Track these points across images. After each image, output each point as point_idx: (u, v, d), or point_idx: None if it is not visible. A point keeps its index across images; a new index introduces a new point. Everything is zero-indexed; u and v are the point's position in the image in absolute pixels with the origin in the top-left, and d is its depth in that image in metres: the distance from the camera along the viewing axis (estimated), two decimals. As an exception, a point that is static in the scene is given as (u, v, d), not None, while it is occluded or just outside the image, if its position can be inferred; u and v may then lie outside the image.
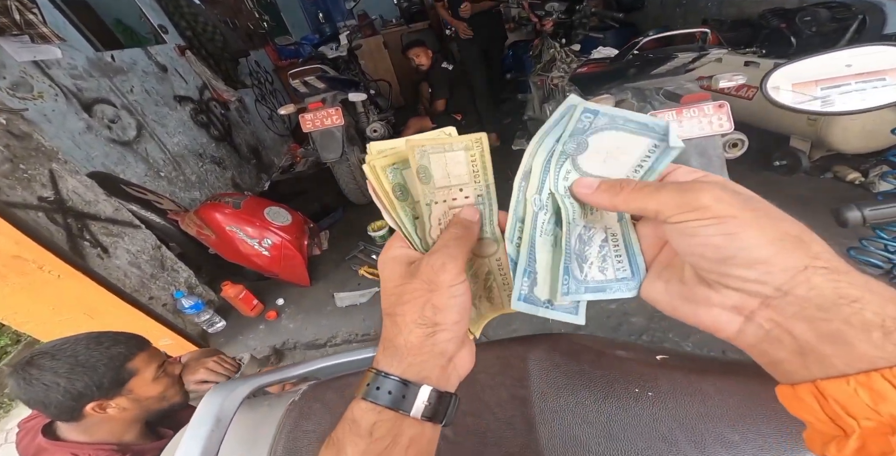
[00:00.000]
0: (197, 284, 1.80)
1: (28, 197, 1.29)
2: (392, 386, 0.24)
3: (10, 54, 1.68)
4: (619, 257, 0.26)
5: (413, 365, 0.24)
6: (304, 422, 0.46)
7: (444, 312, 0.24)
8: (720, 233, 0.18)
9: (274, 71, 4.33)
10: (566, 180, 0.25)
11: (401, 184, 0.26)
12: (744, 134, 1.38)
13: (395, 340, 0.24)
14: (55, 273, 1.30)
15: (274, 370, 0.66)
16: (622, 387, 0.40)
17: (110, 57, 2.24)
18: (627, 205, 0.22)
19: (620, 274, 0.26)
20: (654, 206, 0.20)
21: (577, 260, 0.25)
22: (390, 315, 0.25)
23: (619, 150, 0.23)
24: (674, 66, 1.42)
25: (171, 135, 2.47)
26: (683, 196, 0.19)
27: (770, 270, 0.17)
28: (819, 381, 0.16)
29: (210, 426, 0.50)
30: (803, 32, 1.96)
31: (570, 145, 0.24)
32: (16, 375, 0.70)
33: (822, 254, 0.17)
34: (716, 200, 0.18)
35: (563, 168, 0.25)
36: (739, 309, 0.19)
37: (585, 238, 0.26)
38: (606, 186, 0.23)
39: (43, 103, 1.76)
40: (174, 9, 2.96)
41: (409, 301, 0.24)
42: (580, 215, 0.26)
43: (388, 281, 0.26)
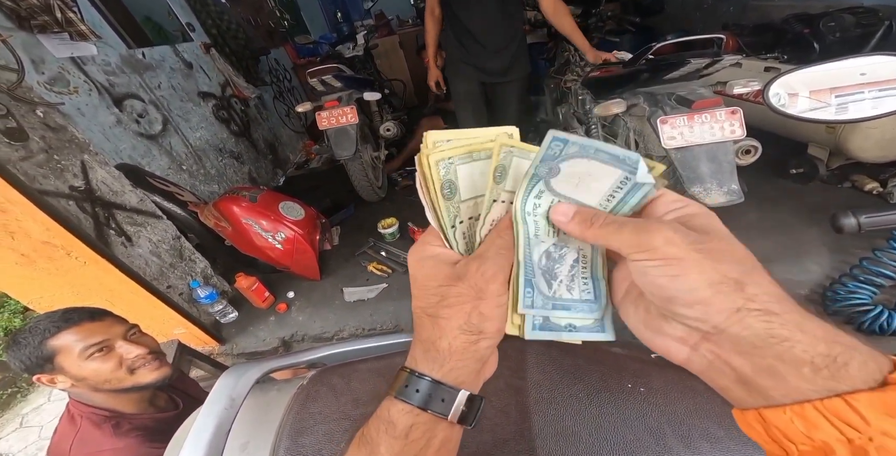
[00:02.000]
0: (212, 274, 1.86)
1: (60, 186, 1.36)
2: (428, 388, 0.24)
3: (49, 51, 1.77)
4: (586, 279, 0.27)
5: (454, 370, 0.24)
6: (311, 404, 0.48)
7: (490, 320, 0.24)
8: (665, 274, 0.19)
9: (292, 69, 4.41)
10: (537, 198, 0.25)
11: (451, 181, 0.26)
12: (757, 140, 1.36)
13: (438, 343, 0.25)
14: (81, 259, 1.37)
15: (284, 355, 0.69)
16: (615, 382, 0.41)
17: (141, 54, 2.34)
18: (595, 240, 0.23)
19: (585, 295, 0.26)
20: (616, 243, 0.22)
21: (545, 276, 0.26)
22: (432, 316, 0.25)
23: (591, 177, 0.24)
24: (687, 71, 1.42)
25: (194, 129, 2.56)
26: (639, 236, 0.20)
27: (707, 311, 0.19)
28: (762, 409, 0.18)
29: (224, 404, 0.53)
30: (827, 38, 1.92)
31: (542, 169, 0.24)
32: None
33: (759, 296, 0.18)
34: (665, 242, 0.20)
35: (536, 187, 0.25)
36: (685, 340, 0.21)
37: (556, 256, 0.26)
38: (579, 218, 0.23)
39: (77, 98, 1.85)
40: (201, 7, 3.04)
41: (455, 305, 0.24)
42: (547, 233, 0.26)
43: (428, 279, 0.26)
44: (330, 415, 0.46)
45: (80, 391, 0.80)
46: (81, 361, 0.76)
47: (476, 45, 1.84)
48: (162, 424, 0.87)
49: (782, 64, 1.98)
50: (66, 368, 0.76)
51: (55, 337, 0.75)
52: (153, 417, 0.87)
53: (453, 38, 1.90)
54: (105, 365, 0.78)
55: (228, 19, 3.25)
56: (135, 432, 0.81)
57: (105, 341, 0.79)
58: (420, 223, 2.08)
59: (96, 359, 0.77)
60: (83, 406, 0.80)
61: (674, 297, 0.20)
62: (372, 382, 0.50)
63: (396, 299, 1.82)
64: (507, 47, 1.86)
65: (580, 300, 0.26)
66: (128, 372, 0.80)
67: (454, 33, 1.88)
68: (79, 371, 0.76)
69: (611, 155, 0.23)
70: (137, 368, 0.82)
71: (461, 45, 1.88)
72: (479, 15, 1.75)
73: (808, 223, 1.71)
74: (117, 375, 0.79)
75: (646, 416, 0.39)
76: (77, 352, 0.76)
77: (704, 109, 1.29)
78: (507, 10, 1.78)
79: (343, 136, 2.01)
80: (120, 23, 2.31)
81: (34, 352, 0.74)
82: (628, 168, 0.22)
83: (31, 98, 1.33)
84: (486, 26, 1.78)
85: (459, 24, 1.81)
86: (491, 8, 1.74)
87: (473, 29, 1.79)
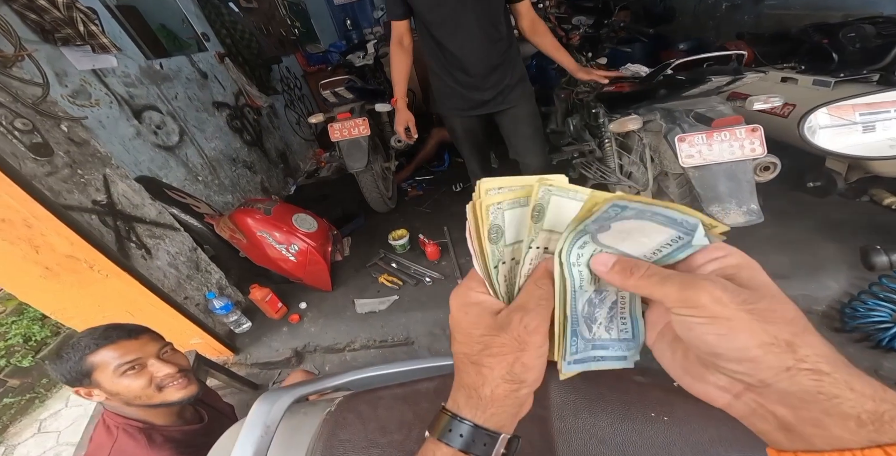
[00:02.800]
0: (227, 285, 1.89)
1: (83, 200, 1.39)
2: (470, 432, 0.26)
3: (72, 63, 1.81)
4: (624, 319, 0.28)
5: (494, 415, 0.26)
6: (340, 431, 0.48)
7: (531, 370, 0.26)
8: (713, 332, 0.20)
9: (303, 77, 4.46)
10: (581, 249, 0.26)
11: (498, 225, 0.26)
12: (776, 157, 1.34)
13: (481, 391, 0.26)
14: (104, 272, 1.40)
15: (312, 381, 0.70)
16: (638, 411, 0.41)
17: (159, 65, 2.38)
18: (636, 290, 0.24)
19: (623, 335, 0.28)
20: (658, 296, 0.22)
21: (587, 322, 0.27)
22: (476, 364, 0.26)
23: (642, 233, 0.24)
24: (707, 88, 1.41)
25: (209, 140, 2.60)
26: (684, 292, 0.21)
27: (756, 367, 0.19)
28: (800, 453, 0.19)
29: (260, 432, 0.54)
30: (846, 48, 1.89)
31: (593, 227, 0.24)
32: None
33: (810, 357, 0.19)
34: (713, 301, 0.20)
35: (581, 239, 0.25)
36: (727, 389, 0.22)
37: (596, 301, 0.27)
38: (619, 268, 0.24)
39: (99, 110, 1.89)
40: (216, 16, 3.08)
41: (498, 355, 0.25)
42: (589, 281, 0.27)
43: (471, 327, 0.27)
44: (358, 443, 0.47)
45: (115, 404, 0.83)
46: (115, 378, 0.79)
47: (466, 76, 1.59)
48: (189, 437, 0.89)
49: (799, 74, 1.95)
50: (102, 384, 0.79)
51: (94, 354, 0.79)
52: (181, 429, 0.90)
53: (440, 71, 1.63)
54: (136, 382, 0.81)
55: (242, 28, 3.29)
56: (167, 445, 0.84)
57: (138, 359, 0.82)
58: (430, 235, 2.09)
59: (129, 376, 0.80)
60: (118, 417, 0.83)
61: (720, 353, 0.20)
62: (397, 410, 0.50)
63: (407, 311, 1.82)
64: (502, 72, 1.61)
65: (619, 339, 0.27)
66: (156, 390, 0.83)
67: (440, 65, 1.61)
68: (112, 387, 0.80)
69: (668, 218, 0.23)
70: (165, 387, 0.84)
71: (451, 77, 1.62)
72: (466, 40, 1.50)
73: (826, 238, 1.68)
74: (147, 392, 0.82)
75: (670, 445, 0.39)
76: (112, 368, 0.79)
77: (724, 127, 1.28)
78: (496, 32, 1.52)
79: (355, 149, 2.03)
80: (138, 34, 2.35)
81: (74, 367, 0.78)
82: (684, 230, 0.23)
83: (56, 112, 1.36)
84: (476, 52, 1.53)
85: (446, 53, 1.55)
86: (476, 31, 1.48)
87: (463, 57, 1.54)
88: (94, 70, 1.93)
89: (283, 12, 4.56)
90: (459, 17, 1.45)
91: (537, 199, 0.26)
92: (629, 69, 1.97)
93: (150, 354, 0.84)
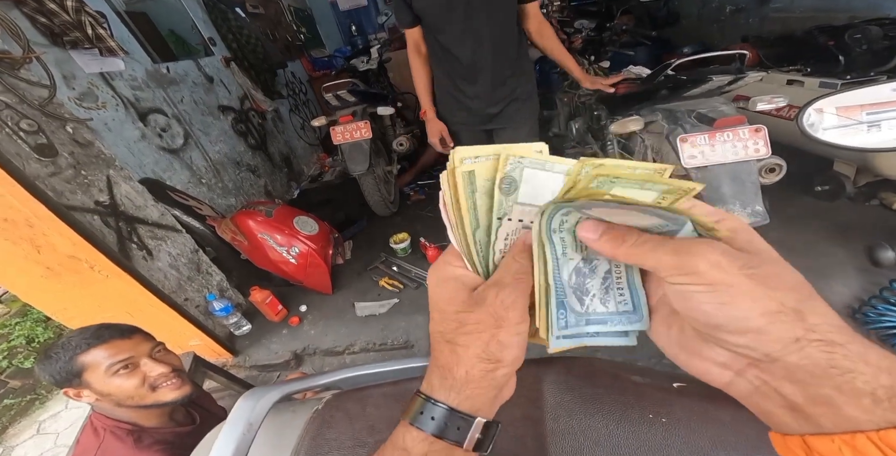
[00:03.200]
0: (227, 287, 1.89)
1: (86, 201, 1.40)
2: (443, 415, 0.24)
3: (80, 66, 1.85)
4: (622, 291, 0.25)
5: (469, 397, 0.24)
6: (327, 430, 0.47)
7: (508, 348, 0.24)
8: (712, 301, 0.18)
9: (308, 81, 4.52)
10: (565, 215, 0.24)
11: (475, 193, 0.25)
12: (782, 158, 1.32)
13: (455, 371, 0.24)
14: (104, 273, 1.41)
15: (301, 379, 0.69)
16: (636, 412, 0.40)
17: (166, 68, 2.42)
18: (627, 259, 0.22)
19: (622, 307, 0.25)
20: (651, 264, 0.20)
21: (576, 293, 0.25)
22: (450, 342, 0.25)
23: (628, 216, 0.22)
24: (708, 88, 1.40)
25: (214, 143, 2.63)
26: (680, 258, 0.19)
27: (760, 339, 0.18)
28: (807, 436, 0.17)
29: (242, 429, 0.53)
30: (852, 50, 1.87)
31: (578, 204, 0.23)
32: None
33: (820, 326, 0.17)
34: (711, 266, 0.18)
35: (565, 208, 0.24)
36: (728, 366, 0.20)
37: (586, 271, 0.25)
38: (609, 236, 0.22)
39: (105, 113, 1.92)
40: (222, 21, 3.14)
41: (473, 333, 0.24)
42: (575, 248, 0.25)
43: (447, 303, 0.26)
44: (345, 442, 0.46)
45: (104, 405, 0.82)
46: (107, 378, 0.78)
47: (474, 87, 1.49)
48: (180, 439, 0.88)
49: (805, 77, 1.93)
50: (93, 384, 0.78)
51: (85, 353, 0.77)
52: (173, 431, 0.88)
53: (446, 81, 1.54)
54: (129, 382, 0.79)
55: (248, 34, 3.35)
56: (156, 446, 0.82)
57: (130, 358, 0.81)
58: (432, 239, 2.08)
59: (121, 376, 0.79)
60: (106, 419, 0.82)
61: (721, 324, 0.18)
62: (387, 408, 0.49)
63: (407, 315, 1.81)
64: (513, 84, 1.51)
65: (617, 312, 0.25)
66: (150, 389, 0.81)
67: (447, 75, 1.52)
68: (104, 387, 0.78)
69: (658, 215, 0.21)
70: (159, 387, 0.83)
71: (458, 89, 1.52)
72: (476, 48, 1.40)
73: (835, 243, 1.65)
74: (139, 392, 0.80)
75: (668, 447, 0.37)
76: (104, 368, 0.77)
77: (727, 127, 1.26)
78: (509, 38, 1.43)
79: (357, 151, 2.03)
80: (148, 38, 2.40)
81: (64, 367, 0.76)
82: (673, 227, 0.21)
83: (62, 114, 1.38)
84: (486, 61, 1.43)
85: (453, 62, 1.46)
86: (487, 38, 1.38)
87: (472, 66, 1.44)
88: (102, 73, 1.96)
89: (289, 18, 4.64)
90: (469, 23, 1.35)
91: (504, 171, 0.24)
92: (631, 71, 1.97)
93: (143, 354, 0.83)
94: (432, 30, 1.42)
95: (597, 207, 0.22)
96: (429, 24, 1.42)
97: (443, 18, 1.37)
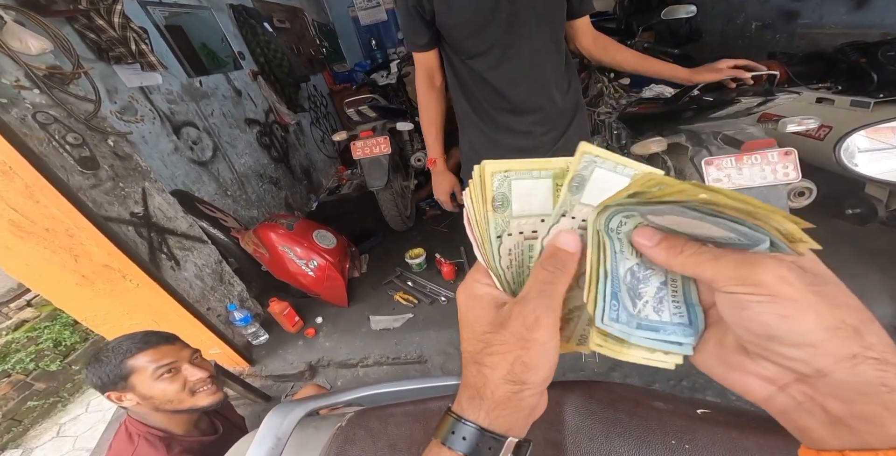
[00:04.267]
0: (248, 297, 1.93)
1: (122, 212, 1.46)
2: (474, 435, 0.24)
3: (122, 81, 1.94)
4: (678, 303, 0.24)
5: (499, 418, 0.24)
6: (350, 447, 0.48)
7: (533, 370, 0.23)
8: (773, 312, 0.18)
9: (328, 95, 4.65)
10: (626, 217, 0.23)
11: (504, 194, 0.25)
12: (812, 182, 1.28)
13: (483, 391, 0.24)
14: (135, 282, 1.46)
15: (325, 395, 0.70)
16: (658, 438, 0.39)
17: (198, 82, 2.52)
18: (683, 269, 0.22)
19: (677, 319, 0.24)
20: (709, 274, 0.20)
21: (630, 293, 0.24)
22: (477, 363, 0.25)
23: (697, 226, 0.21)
24: (735, 110, 1.37)
25: (240, 156, 2.72)
26: (742, 269, 0.19)
27: (816, 354, 0.18)
28: (848, 451, 0.17)
29: (271, 444, 0.54)
30: (886, 68, 1.81)
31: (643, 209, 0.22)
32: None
33: (876, 345, 0.17)
34: (778, 279, 0.18)
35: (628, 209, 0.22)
36: (772, 380, 0.20)
37: (640, 276, 0.24)
38: (667, 244, 0.22)
39: (143, 126, 2.00)
40: (252, 36, 3.26)
41: (498, 354, 0.24)
42: (630, 252, 0.24)
43: (474, 323, 0.25)
44: None
45: (142, 410, 0.85)
46: (152, 381, 0.81)
47: (516, 118, 1.15)
48: (205, 448, 0.90)
49: (836, 95, 1.88)
50: (138, 387, 0.81)
51: (134, 357, 0.81)
52: (199, 440, 0.91)
53: (478, 117, 1.19)
54: (171, 386, 0.83)
55: (275, 48, 3.45)
56: (185, 455, 0.85)
57: (174, 363, 0.84)
58: (447, 255, 2.09)
59: (165, 379, 0.82)
60: (140, 425, 0.85)
61: (778, 336, 0.18)
62: (408, 427, 0.49)
63: (421, 330, 1.81)
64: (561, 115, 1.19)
65: (672, 323, 0.24)
66: (189, 394, 0.85)
67: (479, 108, 1.17)
68: (148, 390, 0.81)
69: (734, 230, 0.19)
70: (197, 392, 0.86)
71: (494, 124, 1.18)
72: (519, 73, 1.08)
73: (867, 268, 1.58)
74: (180, 396, 0.83)
75: None
76: (150, 372, 0.81)
77: (755, 150, 1.23)
78: (557, 58, 1.12)
79: (376, 167, 2.07)
80: (182, 52, 2.50)
81: (114, 370, 0.80)
82: (745, 242, 0.20)
83: (105, 128, 1.45)
84: (531, 88, 1.11)
85: (489, 92, 1.12)
86: (534, 59, 1.07)
87: (513, 95, 1.11)
88: (142, 87, 2.05)
89: (313, 32, 4.81)
90: (513, 41, 1.04)
91: (577, 169, 0.23)
92: (652, 90, 1.95)
93: (184, 359, 0.87)
94: (460, 52, 1.10)
95: (669, 214, 0.21)
96: (455, 44, 1.09)
97: (475, 37, 1.05)
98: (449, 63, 1.16)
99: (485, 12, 1.00)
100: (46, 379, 2.31)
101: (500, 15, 1.01)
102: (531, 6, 1.01)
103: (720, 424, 0.40)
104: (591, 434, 0.41)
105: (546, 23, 1.06)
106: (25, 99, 1.23)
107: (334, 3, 5.38)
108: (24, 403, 2.20)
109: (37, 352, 2.31)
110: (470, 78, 1.14)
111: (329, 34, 5.36)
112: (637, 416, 0.42)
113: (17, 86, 1.21)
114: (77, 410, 2.28)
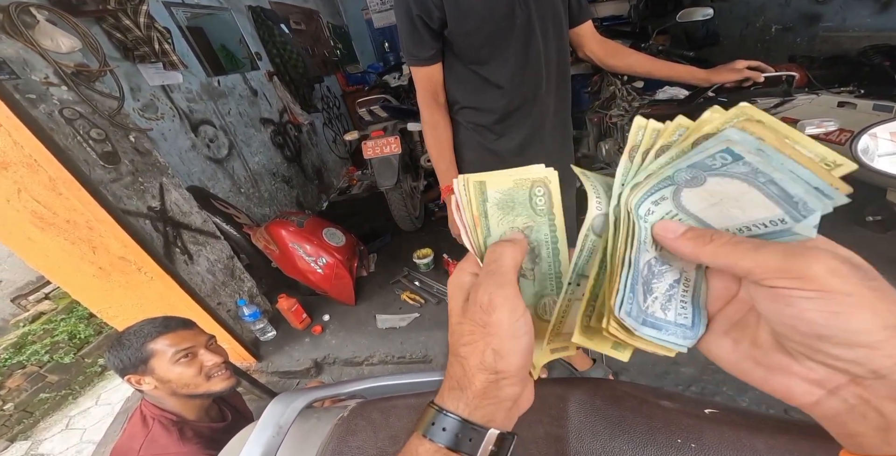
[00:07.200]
0: (257, 294, 1.96)
1: (140, 206, 1.50)
2: (455, 426, 0.23)
3: (145, 79, 2.00)
4: (685, 304, 0.24)
5: (479, 408, 0.23)
6: (350, 438, 0.48)
7: (506, 358, 0.23)
8: (823, 309, 0.17)
9: (341, 96, 4.71)
10: (655, 205, 0.22)
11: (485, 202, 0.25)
12: (832, 188, 1.24)
13: (462, 382, 0.24)
14: (149, 275, 1.50)
15: (327, 386, 0.71)
16: (664, 436, 0.38)
17: (217, 82, 2.58)
18: (714, 259, 0.20)
19: (680, 320, 0.24)
20: (747, 264, 0.19)
21: (644, 287, 0.23)
22: (455, 354, 0.24)
23: (737, 203, 0.20)
24: (751, 113, 1.34)
25: (254, 154, 2.77)
26: (788, 260, 0.17)
27: (873, 355, 0.16)
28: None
29: (272, 432, 0.55)
30: (910, 71, 1.77)
31: (685, 175, 0.20)
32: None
33: None
34: (828, 272, 0.17)
35: (660, 192, 0.22)
36: (822, 383, 0.18)
37: (656, 271, 0.24)
38: (693, 234, 0.21)
39: (163, 123, 2.06)
40: (269, 37, 3.33)
41: (469, 344, 0.23)
42: (651, 244, 0.23)
43: (452, 313, 0.25)
44: (368, 450, 0.46)
45: (158, 395, 0.86)
46: (170, 365, 0.82)
47: (526, 132, 1.08)
48: (215, 434, 0.92)
49: (858, 99, 1.83)
50: (157, 370, 0.82)
51: (154, 341, 0.82)
52: (209, 426, 0.93)
53: (486, 130, 1.07)
54: (189, 370, 0.84)
55: (290, 49, 3.53)
56: (196, 439, 0.86)
57: (192, 348, 0.86)
58: (454, 255, 2.09)
59: (182, 363, 0.84)
60: (156, 409, 0.86)
61: (829, 335, 0.17)
62: (409, 419, 0.49)
63: (427, 329, 1.81)
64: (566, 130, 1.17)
65: (674, 323, 0.24)
66: (205, 378, 0.86)
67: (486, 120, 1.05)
68: (166, 373, 0.82)
69: (783, 192, 0.18)
70: (213, 376, 0.88)
71: (502, 140, 1.08)
72: (531, 83, 1.02)
73: (889, 277, 1.48)
74: (196, 381, 0.85)
75: None
76: (169, 355, 0.82)
77: (771, 155, 1.20)
78: (565, 69, 1.08)
79: (386, 166, 2.09)
80: (202, 52, 2.56)
81: (135, 353, 0.81)
82: (794, 213, 0.19)
83: (127, 124, 1.49)
84: (543, 97, 1.05)
85: (494, 98, 1.02)
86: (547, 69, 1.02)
87: (526, 107, 1.04)
88: (163, 86, 2.11)
89: (327, 34, 4.89)
90: (527, 47, 0.97)
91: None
92: (666, 92, 1.93)
93: (201, 345, 0.89)
94: (468, 61, 0.99)
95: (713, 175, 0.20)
96: (463, 53, 0.98)
97: (486, 46, 0.96)
98: (451, 75, 1.03)
99: (498, 18, 0.93)
100: (60, 371, 2.35)
101: (515, 21, 0.94)
102: (543, 13, 0.96)
103: (728, 423, 0.39)
104: (595, 431, 0.41)
105: (557, 29, 1.01)
106: (53, 95, 1.27)
107: (349, 5, 5.47)
108: (36, 395, 2.24)
109: (52, 344, 2.36)
110: (481, 88, 1.02)
111: (343, 36, 5.45)
112: (642, 414, 0.41)
113: (45, 82, 1.26)
114: (87, 403, 2.31)
